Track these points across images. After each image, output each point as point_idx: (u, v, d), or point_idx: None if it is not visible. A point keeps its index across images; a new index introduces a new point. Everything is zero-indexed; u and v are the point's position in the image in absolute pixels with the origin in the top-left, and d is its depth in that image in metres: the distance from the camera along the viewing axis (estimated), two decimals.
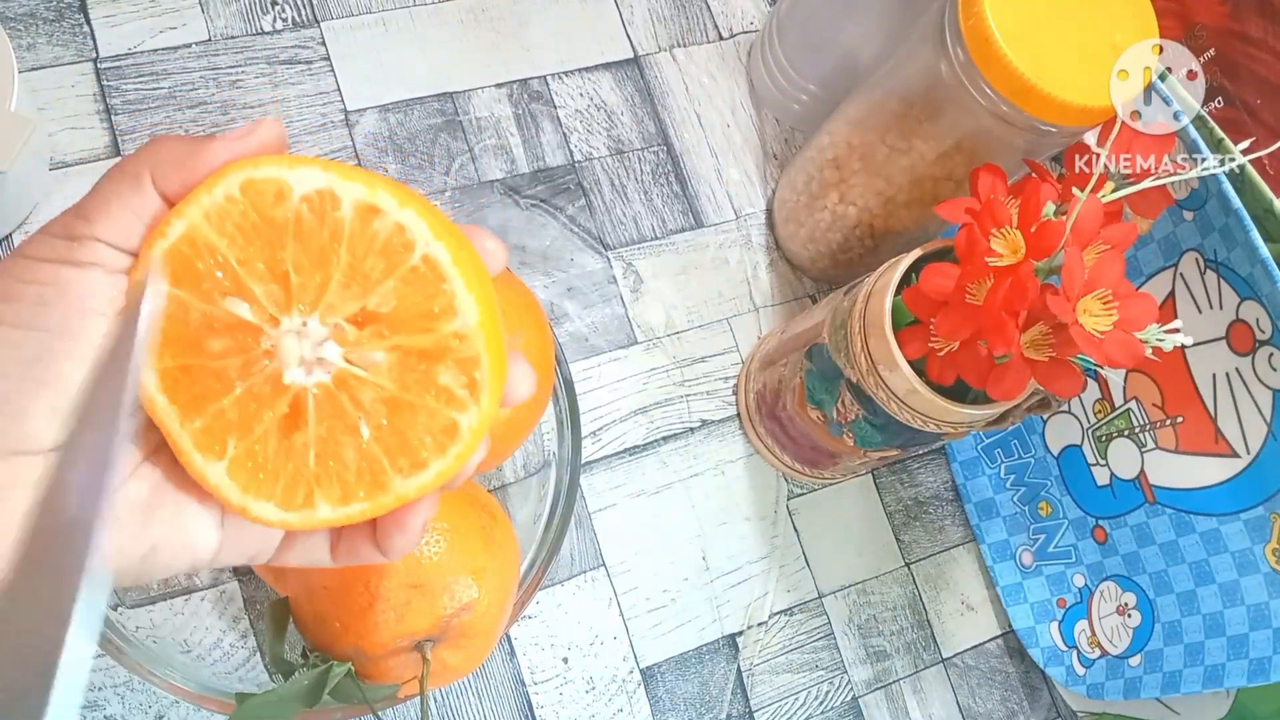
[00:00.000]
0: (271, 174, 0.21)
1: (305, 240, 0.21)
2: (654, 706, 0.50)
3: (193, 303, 0.21)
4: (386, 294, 0.21)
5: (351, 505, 0.22)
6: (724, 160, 0.60)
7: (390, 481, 0.22)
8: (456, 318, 0.21)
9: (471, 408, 0.22)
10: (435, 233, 0.21)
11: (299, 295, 0.21)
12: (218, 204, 0.21)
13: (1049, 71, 0.38)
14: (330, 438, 0.22)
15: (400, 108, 0.55)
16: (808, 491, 0.56)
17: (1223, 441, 0.43)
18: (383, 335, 0.22)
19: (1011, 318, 0.34)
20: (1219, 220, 0.41)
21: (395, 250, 0.21)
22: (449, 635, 0.35)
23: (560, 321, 0.54)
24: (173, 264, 0.21)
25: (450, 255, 0.21)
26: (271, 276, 0.21)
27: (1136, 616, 0.48)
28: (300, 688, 0.34)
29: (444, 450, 0.22)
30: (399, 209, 0.21)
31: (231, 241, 0.21)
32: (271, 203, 0.21)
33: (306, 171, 0.21)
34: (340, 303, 0.21)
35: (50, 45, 0.51)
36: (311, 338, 0.22)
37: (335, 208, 0.21)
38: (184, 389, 0.22)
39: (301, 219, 0.21)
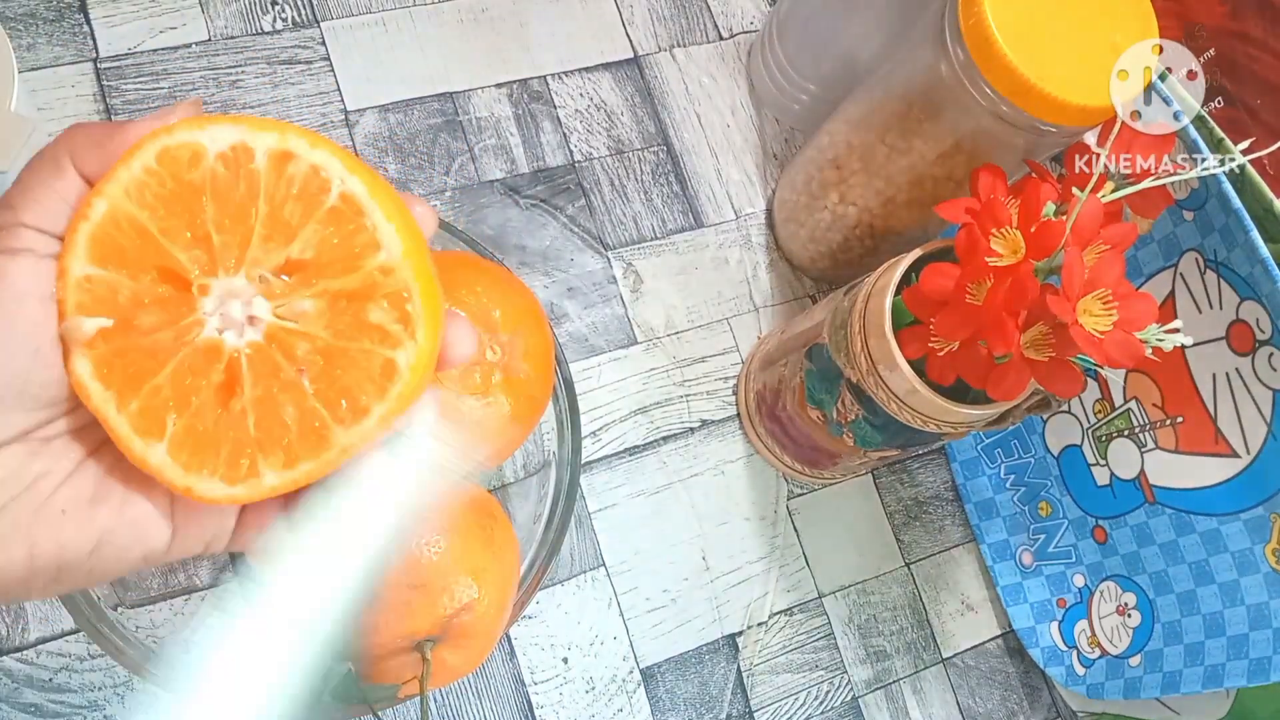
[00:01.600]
0: (185, 138, 0.21)
1: (223, 198, 0.21)
2: (654, 706, 0.50)
3: (121, 281, 0.21)
4: (308, 239, 0.21)
5: (298, 467, 0.21)
6: (724, 160, 0.60)
7: (333, 434, 0.21)
8: (380, 251, 0.21)
9: (408, 343, 0.21)
10: (349, 168, 0.21)
11: (223, 256, 0.21)
12: (136, 177, 0.21)
13: (1049, 71, 0.38)
14: (267, 399, 0.21)
15: (400, 108, 0.55)
16: (808, 491, 0.56)
17: (1223, 441, 0.43)
18: (309, 283, 0.21)
19: (1011, 318, 0.34)
20: (1219, 220, 0.41)
21: (312, 193, 0.21)
22: (449, 635, 0.35)
23: (560, 321, 0.54)
24: (99, 244, 0.21)
25: (366, 188, 0.21)
26: (195, 242, 0.21)
27: (1136, 616, 0.48)
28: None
29: (385, 392, 0.21)
30: (310, 149, 0.21)
31: (153, 213, 0.21)
32: (187, 167, 0.21)
33: (218, 129, 0.21)
34: (264, 255, 0.21)
35: (50, 45, 0.51)
36: (239, 296, 0.21)
37: (249, 160, 0.21)
38: (118, 372, 0.21)
39: (217, 177, 0.21)
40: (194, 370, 0.21)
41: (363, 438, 0.21)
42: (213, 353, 0.21)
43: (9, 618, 0.43)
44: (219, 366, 0.21)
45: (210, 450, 0.21)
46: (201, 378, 0.21)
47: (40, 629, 0.43)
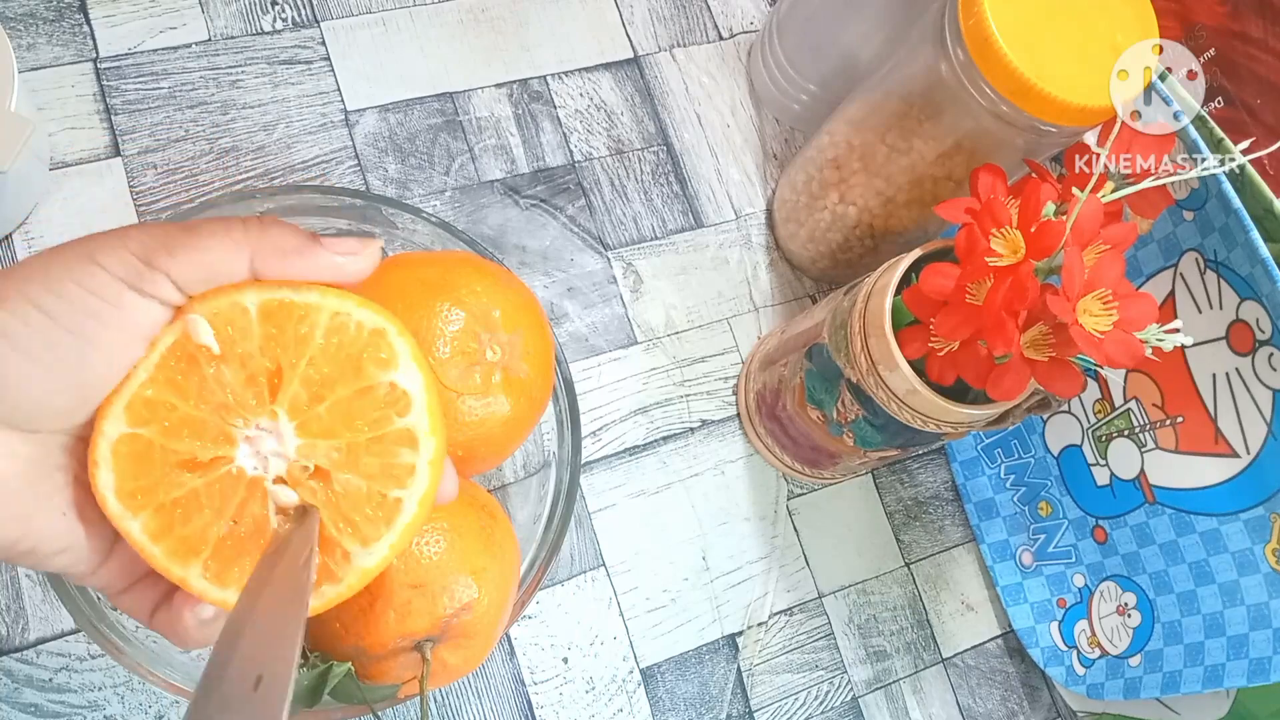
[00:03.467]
0: (398, 346, 0.23)
1: (357, 400, 0.23)
2: (654, 706, 0.50)
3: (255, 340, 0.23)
4: (351, 485, 0.24)
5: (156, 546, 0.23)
6: (724, 160, 0.60)
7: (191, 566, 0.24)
8: (361, 547, 0.24)
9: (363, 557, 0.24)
10: (422, 501, 0.24)
11: (311, 418, 0.23)
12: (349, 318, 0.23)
13: (1049, 71, 0.38)
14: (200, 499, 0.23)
15: (400, 108, 0.55)
16: (808, 491, 0.56)
17: (1223, 441, 0.43)
18: (313, 494, 0.24)
19: (1011, 318, 0.34)
20: (1219, 220, 0.41)
21: (390, 476, 0.24)
22: (449, 635, 0.35)
23: (560, 321, 0.54)
24: (276, 308, 0.23)
25: (407, 524, 0.24)
26: (311, 390, 0.23)
27: (1136, 616, 0.48)
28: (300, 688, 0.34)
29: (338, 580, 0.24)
30: (427, 465, 0.24)
31: (325, 345, 0.23)
32: (375, 359, 0.23)
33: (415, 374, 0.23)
34: (324, 451, 0.23)
35: (50, 45, 0.51)
36: (281, 446, 0.23)
37: (401, 413, 0.23)
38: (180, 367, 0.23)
39: (374, 389, 0.23)
40: (201, 431, 0.24)
41: (200, 592, 0.24)
42: (224, 442, 0.24)
43: (9, 618, 0.43)
44: (213, 451, 0.23)
45: (138, 467, 0.23)
46: (198, 442, 0.23)
47: (40, 629, 0.43)
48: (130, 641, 0.36)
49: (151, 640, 0.37)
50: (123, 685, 0.43)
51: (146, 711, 0.43)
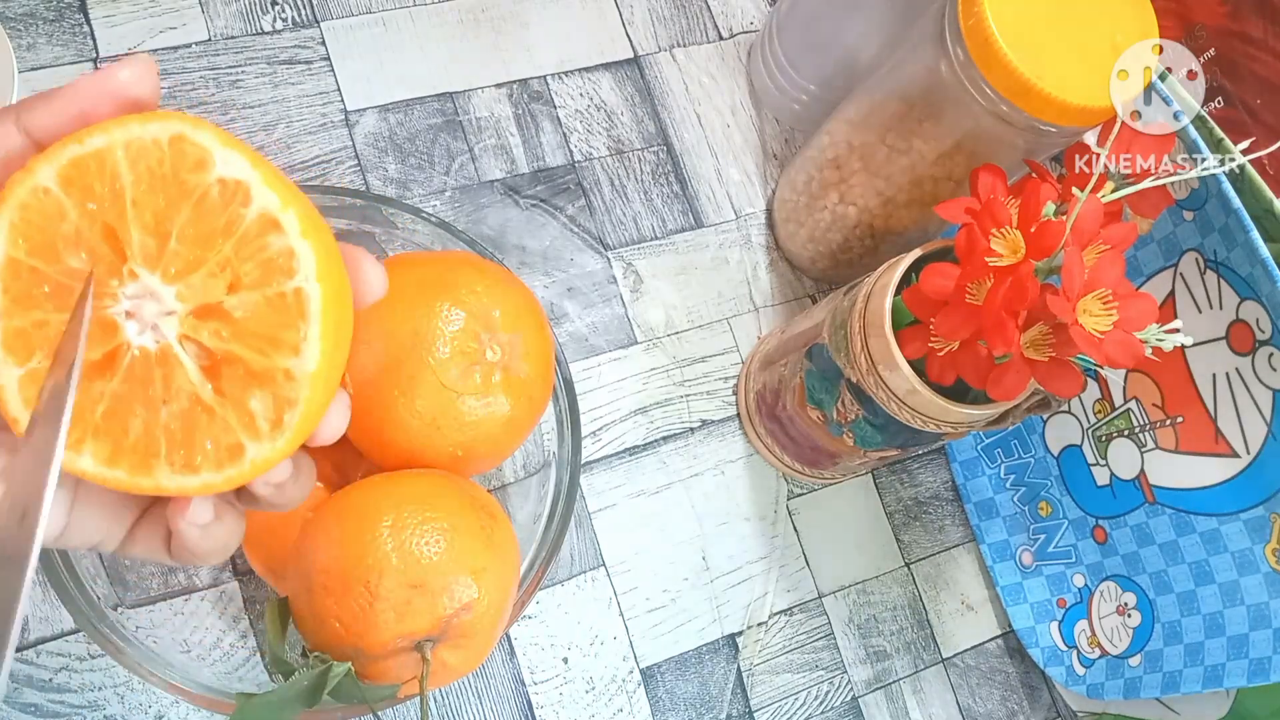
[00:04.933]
0: (203, 140, 0.21)
1: (201, 216, 0.21)
2: (654, 706, 0.50)
3: (71, 213, 0.21)
4: (246, 302, 0.21)
5: (115, 470, 0.22)
6: (724, 160, 0.60)
7: (156, 469, 0.22)
8: (295, 357, 0.22)
9: (265, 442, 0.22)
10: (320, 273, 0.21)
11: (169, 261, 0.21)
12: (142, 141, 0.21)
13: (1049, 71, 0.38)
14: (125, 400, 0.22)
15: (400, 108, 0.55)
16: (808, 491, 0.56)
17: (1223, 441, 0.43)
18: (220, 336, 0.22)
19: (1011, 318, 0.34)
20: (1219, 220, 0.41)
21: (276, 269, 0.21)
22: (449, 635, 0.35)
23: (560, 321, 0.55)
24: (73, 170, 0.21)
25: (322, 301, 0.21)
26: (155, 231, 0.21)
27: (1136, 616, 0.48)
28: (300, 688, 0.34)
29: (220, 466, 0.22)
30: (299, 236, 0.21)
31: (137, 179, 0.21)
32: (190, 166, 0.21)
33: (235, 156, 0.21)
34: (201, 287, 0.21)
35: (50, 45, 0.51)
36: (162, 304, 0.22)
37: (243, 204, 0.21)
38: (21, 284, 0.21)
39: (208, 196, 0.21)
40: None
41: (179, 489, 0.22)
42: (108, 331, 0.22)
43: None
44: (105, 345, 0.22)
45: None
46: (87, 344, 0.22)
47: (40, 629, 0.43)
48: (130, 641, 0.36)
49: (151, 640, 0.38)
50: (123, 685, 0.43)
51: (146, 711, 0.43)
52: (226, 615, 0.45)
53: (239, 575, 0.46)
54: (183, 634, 0.43)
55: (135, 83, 0.22)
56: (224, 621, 0.44)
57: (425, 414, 0.37)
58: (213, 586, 0.45)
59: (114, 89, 0.22)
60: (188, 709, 0.44)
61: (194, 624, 0.44)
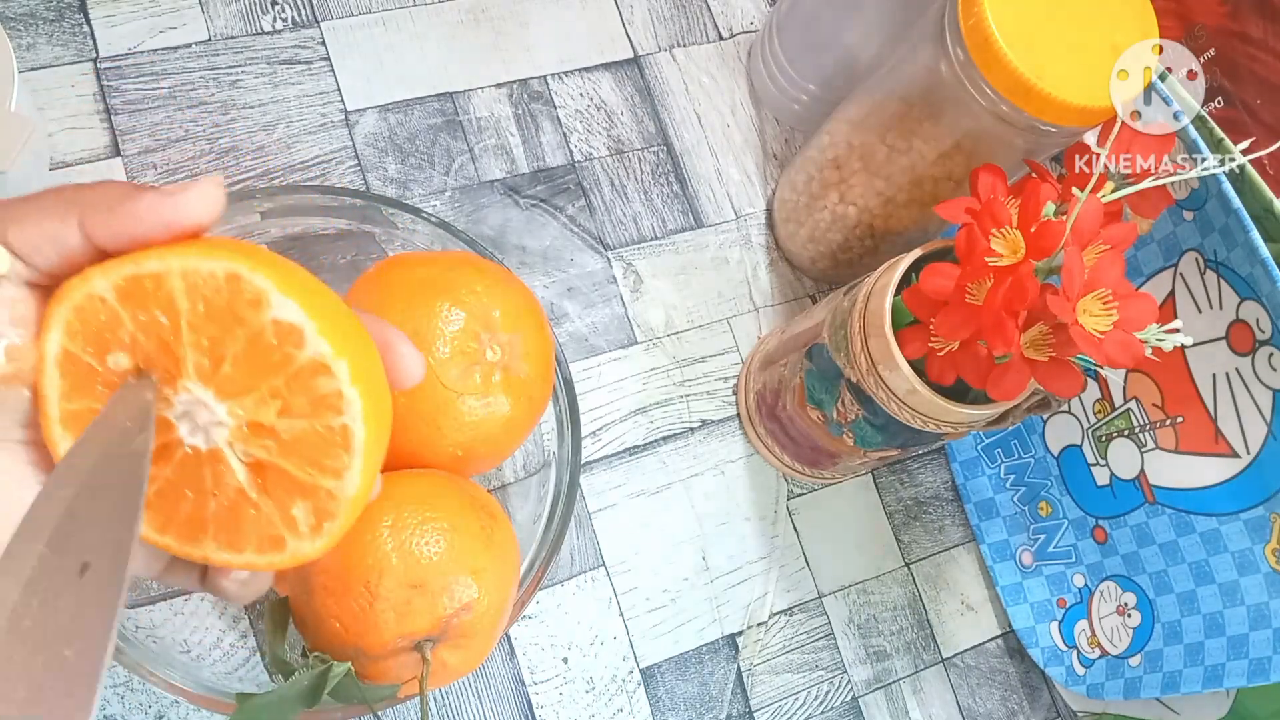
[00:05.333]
0: (260, 284, 0.22)
1: (254, 348, 0.22)
2: (654, 706, 0.50)
3: (127, 323, 0.22)
4: (295, 427, 0.23)
5: (164, 537, 0.24)
6: (724, 160, 0.60)
7: (205, 543, 0.24)
8: (338, 481, 0.23)
9: (305, 542, 0.24)
10: (365, 417, 0.23)
11: (222, 381, 0.23)
12: (200, 273, 0.22)
13: (1049, 71, 0.38)
14: (176, 485, 0.23)
15: (400, 108, 0.55)
16: (808, 491, 0.56)
17: (1223, 441, 0.43)
18: (268, 449, 0.23)
19: (1011, 318, 0.34)
20: (1219, 220, 0.41)
21: (326, 407, 0.23)
22: (449, 635, 0.35)
23: (560, 321, 0.55)
24: (130, 285, 0.22)
25: (366, 441, 0.23)
26: (208, 354, 0.22)
27: (1136, 616, 0.48)
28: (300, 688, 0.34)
29: (262, 552, 0.24)
30: (349, 383, 0.22)
31: (193, 306, 0.22)
32: (246, 304, 0.22)
33: (291, 305, 0.22)
34: (252, 409, 0.23)
35: (50, 45, 0.51)
36: (212, 415, 0.23)
37: (297, 346, 0.22)
38: (78, 374, 0.22)
39: (263, 334, 0.22)
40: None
41: (224, 562, 0.24)
42: (162, 427, 0.23)
43: None
44: (160, 439, 0.23)
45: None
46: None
47: None
48: (130, 641, 0.36)
49: (151, 640, 0.38)
50: (123, 685, 0.43)
51: (146, 711, 0.43)
52: (226, 615, 0.45)
53: None
54: (183, 634, 0.43)
55: (205, 212, 0.23)
56: (224, 621, 0.44)
57: (425, 414, 0.37)
58: None
59: (180, 223, 0.22)
60: (188, 709, 0.44)
61: (194, 624, 0.44)
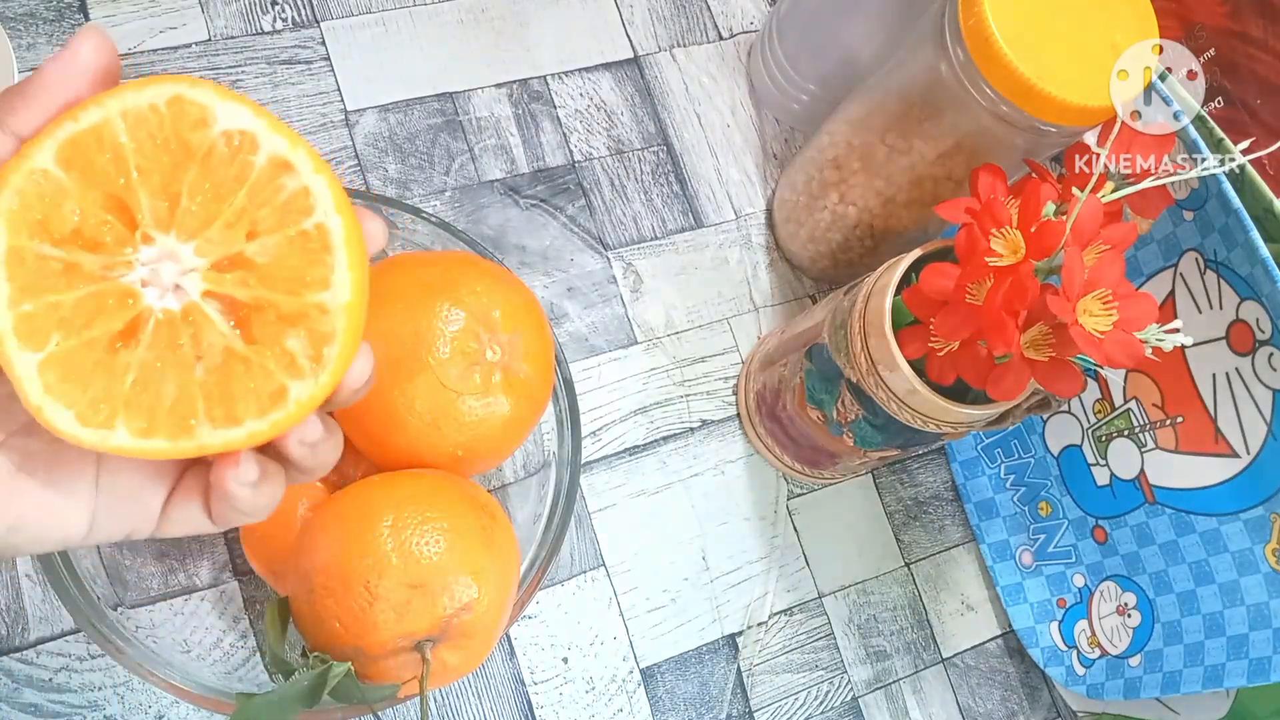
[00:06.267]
0: (202, 98, 0.21)
1: (210, 171, 0.21)
2: (654, 706, 0.50)
3: (73, 190, 0.20)
4: (268, 246, 0.21)
5: (152, 440, 0.21)
6: (724, 160, 0.60)
7: (198, 429, 0.21)
8: (327, 291, 0.21)
9: (308, 379, 0.22)
10: (337, 206, 0.21)
11: (183, 220, 0.21)
12: (139, 108, 0.21)
13: (1049, 71, 0.38)
14: (155, 366, 0.21)
15: (400, 108, 0.55)
16: (808, 491, 0.56)
17: (1223, 441, 0.43)
18: (247, 284, 0.21)
19: (1011, 318, 0.34)
20: (1219, 220, 0.41)
21: (293, 210, 0.21)
22: (449, 635, 0.35)
23: (560, 321, 0.55)
24: (72, 148, 0.20)
25: (344, 232, 0.21)
26: (163, 193, 0.21)
27: (1136, 616, 0.48)
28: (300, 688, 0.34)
29: (264, 413, 0.21)
30: (312, 173, 0.21)
31: (139, 147, 0.21)
32: (191, 126, 0.21)
33: (236, 108, 0.21)
34: (220, 240, 0.21)
35: (50, 45, 0.51)
36: (178, 262, 0.21)
37: (251, 151, 0.21)
38: (28, 270, 0.20)
39: (214, 151, 0.21)
40: (102, 306, 0.21)
41: (224, 444, 0.21)
42: (126, 298, 0.21)
43: (9, 618, 0.43)
44: (125, 314, 0.21)
45: (78, 384, 0.21)
46: (105, 316, 0.21)
47: (40, 629, 0.43)
48: (130, 641, 0.36)
49: (151, 640, 0.38)
50: (123, 685, 0.43)
51: (146, 711, 0.43)
52: (226, 615, 0.45)
53: (239, 575, 0.46)
54: (183, 634, 0.43)
55: (100, 54, 0.21)
56: (224, 621, 0.44)
57: (425, 414, 0.37)
58: (213, 586, 0.45)
59: (84, 68, 0.21)
60: (188, 709, 0.44)
61: (194, 624, 0.44)
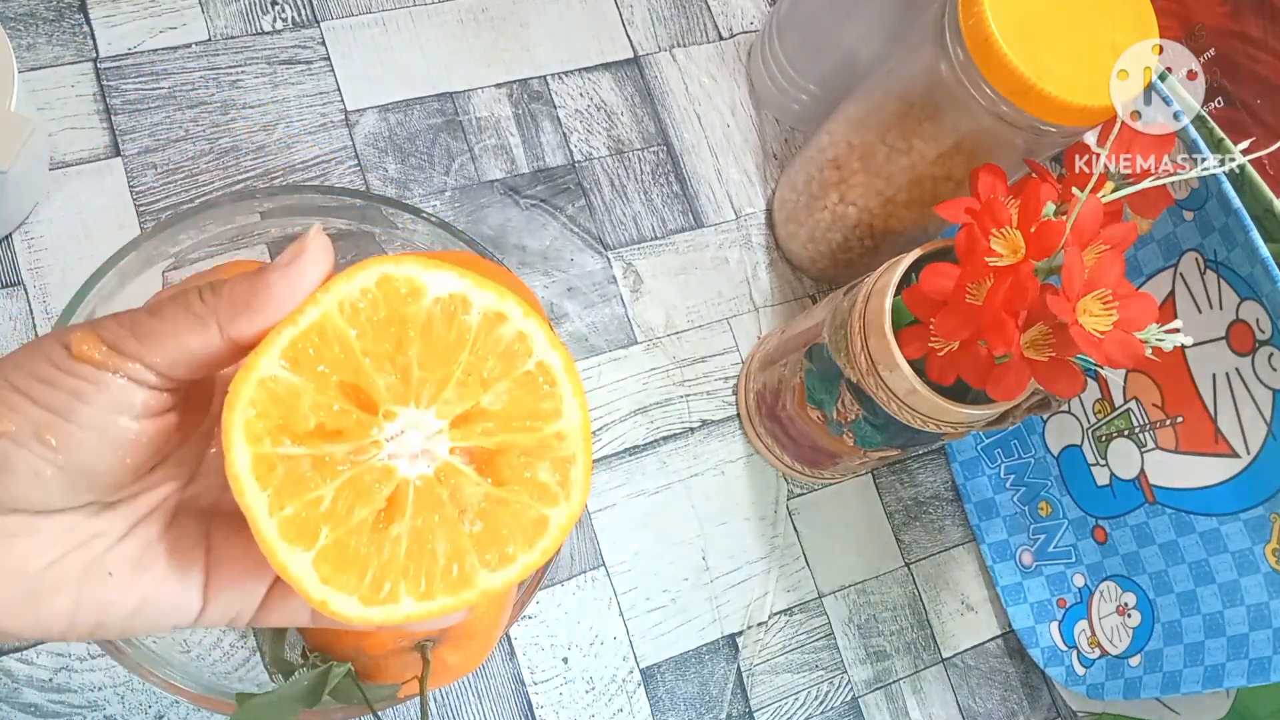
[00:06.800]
0: (409, 273, 0.22)
1: (431, 338, 0.22)
2: (654, 706, 0.50)
3: (306, 388, 0.21)
4: (500, 393, 0.23)
5: (436, 600, 0.22)
6: (724, 160, 0.60)
7: (476, 576, 0.22)
8: (561, 420, 0.23)
9: (563, 503, 0.23)
10: (551, 343, 0.23)
11: (419, 389, 0.22)
12: (352, 296, 0.21)
13: (1049, 71, 0.38)
14: (424, 530, 0.22)
15: (400, 108, 0.55)
16: (808, 491, 0.56)
17: (1223, 441, 0.43)
18: (490, 432, 0.23)
19: (1011, 318, 0.34)
20: (1219, 220, 0.41)
21: (514, 355, 0.23)
22: (449, 635, 0.35)
23: (560, 321, 0.54)
24: (296, 349, 0.21)
25: (563, 363, 0.23)
26: (394, 369, 0.22)
27: (1136, 616, 0.48)
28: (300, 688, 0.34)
29: (532, 544, 0.23)
30: (523, 318, 0.23)
31: (360, 332, 0.22)
32: (405, 300, 0.22)
33: (444, 276, 0.22)
34: (456, 398, 0.22)
35: (50, 45, 0.51)
36: (422, 429, 0.22)
37: (465, 311, 0.22)
38: (279, 475, 0.21)
39: (432, 319, 0.22)
40: (360, 489, 0.22)
41: (504, 584, 0.23)
42: (383, 476, 0.22)
43: None
44: (385, 491, 0.22)
45: (355, 568, 0.22)
46: (367, 498, 0.22)
47: None
48: (130, 642, 0.36)
49: (151, 640, 0.37)
50: (123, 685, 0.43)
51: (146, 711, 0.43)
52: None
53: None
54: (183, 634, 0.43)
55: (324, 274, 0.22)
56: None
57: None
58: None
59: (310, 287, 0.22)
60: (188, 709, 0.44)
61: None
